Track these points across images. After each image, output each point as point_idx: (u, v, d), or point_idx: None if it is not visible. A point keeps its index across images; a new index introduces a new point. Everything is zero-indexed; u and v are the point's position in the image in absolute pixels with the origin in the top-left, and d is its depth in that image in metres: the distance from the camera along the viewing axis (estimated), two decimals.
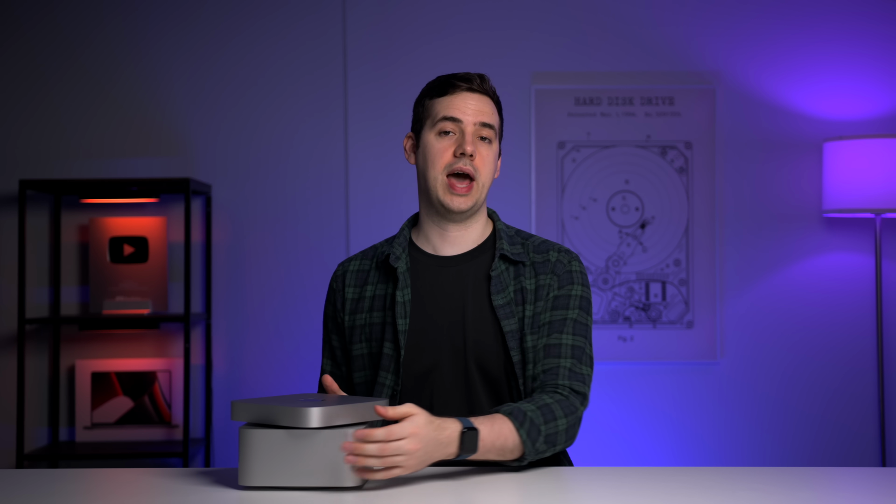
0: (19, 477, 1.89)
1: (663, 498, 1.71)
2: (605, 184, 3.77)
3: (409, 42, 3.77)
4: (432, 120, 2.03)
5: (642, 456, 3.72)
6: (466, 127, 2.00)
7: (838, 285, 3.76)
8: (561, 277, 2.03)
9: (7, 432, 3.70)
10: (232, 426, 3.74)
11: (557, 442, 1.88)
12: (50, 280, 3.72)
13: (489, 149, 2.03)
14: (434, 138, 2.02)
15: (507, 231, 2.09)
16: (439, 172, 2.00)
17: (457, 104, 2.02)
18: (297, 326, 3.71)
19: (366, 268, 2.11)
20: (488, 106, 2.04)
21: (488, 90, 2.05)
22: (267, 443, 1.71)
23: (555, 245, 2.08)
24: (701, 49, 3.78)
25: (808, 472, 1.96)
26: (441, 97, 2.03)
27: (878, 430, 3.73)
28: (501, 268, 2.03)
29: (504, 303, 2.00)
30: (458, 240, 2.06)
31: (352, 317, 2.08)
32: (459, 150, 1.99)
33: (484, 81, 2.05)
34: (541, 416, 1.86)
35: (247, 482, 1.72)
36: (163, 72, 3.76)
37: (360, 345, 2.06)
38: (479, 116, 2.01)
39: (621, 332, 3.75)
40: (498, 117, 2.06)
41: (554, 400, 1.91)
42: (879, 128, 3.75)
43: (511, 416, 1.84)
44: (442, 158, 2.00)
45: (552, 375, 1.96)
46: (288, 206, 3.76)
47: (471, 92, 2.03)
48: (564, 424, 1.89)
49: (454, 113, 2.01)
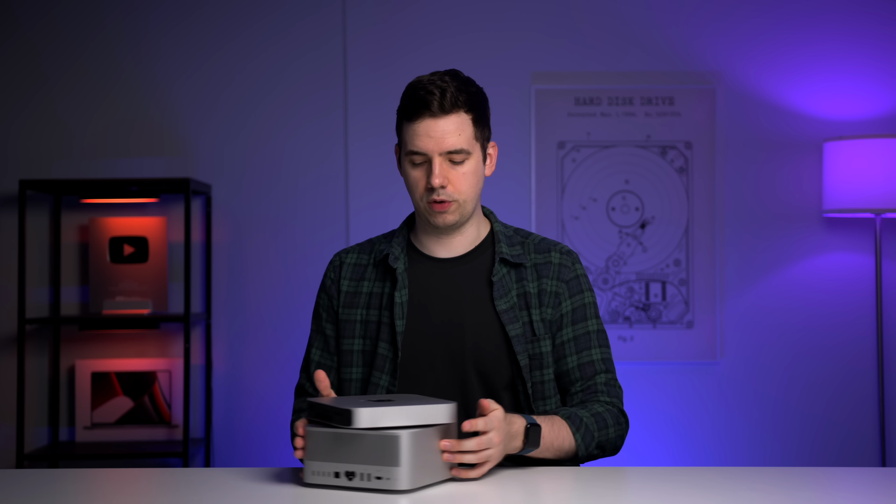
0: (19, 477, 1.88)
1: (663, 498, 1.71)
2: (605, 184, 3.77)
3: (409, 42, 3.77)
4: (404, 147, 1.99)
5: (642, 456, 3.72)
6: (433, 158, 1.94)
7: (838, 285, 3.76)
8: (570, 285, 2.05)
9: (7, 432, 3.70)
10: (232, 426, 3.73)
11: (606, 449, 1.98)
12: (50, 280, 3.72)
13: (464, 167, 1.96)
14: (408, 166, 1.99)
15: (505, 232, 2.08)
16: (419, 199, 1.99)
17: (420, 135, 1.94)
18: (297, 326, 3.71)
19: (363, 262, 2.10)
20: (453, 125, 1.93)
21: (452, 105, 1.93)
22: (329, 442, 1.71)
23: (555, 245, 2.08)
24: (701, 49, 3.78)
25: (808, 472, 1.96)
26: (409, 122, 1.96)
27: (878, 430, 3.73)
28: (502, 272, 2.03)
29: (507, 307, 2.00)
30: (453, 244, 2.06)
31: (345, 310, 2.07)
32: (428, 185, 1.95)
33: (445, 97, 1.92)
34: (594, 423, 1.94)
35: (310, 480, 1.73)
36: (163, 72, 3.76)
37: (353, 340, 2.05)
38: (444, 145, 1.93)
39: (621, 332, 3.75)
40: (471, 127, 1.96)
41: (605, 409, 1.99)
42: (879, 128, 3.75)
43: (568, 419, 1.92)
44: (417, 189, 1.98)
45: (591, 393, 2.03)
46: (288, 206, 3.76)
47: (433, 118, 1.93)
48: (614, 433, 1.98)
49: (418, 147, 1.94)
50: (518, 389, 2.00)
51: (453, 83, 1.95)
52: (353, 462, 1.69)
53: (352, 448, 1.69)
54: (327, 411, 1.73)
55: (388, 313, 2.02)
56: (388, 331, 2.01)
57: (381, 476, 1.67)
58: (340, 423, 1.69)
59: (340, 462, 1.70)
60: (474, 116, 1.97)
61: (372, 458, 1.68)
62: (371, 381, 2.01)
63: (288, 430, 3.68)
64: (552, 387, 2.03)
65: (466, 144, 1.95)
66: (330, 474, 1.70)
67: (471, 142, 1.97)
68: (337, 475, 1.70)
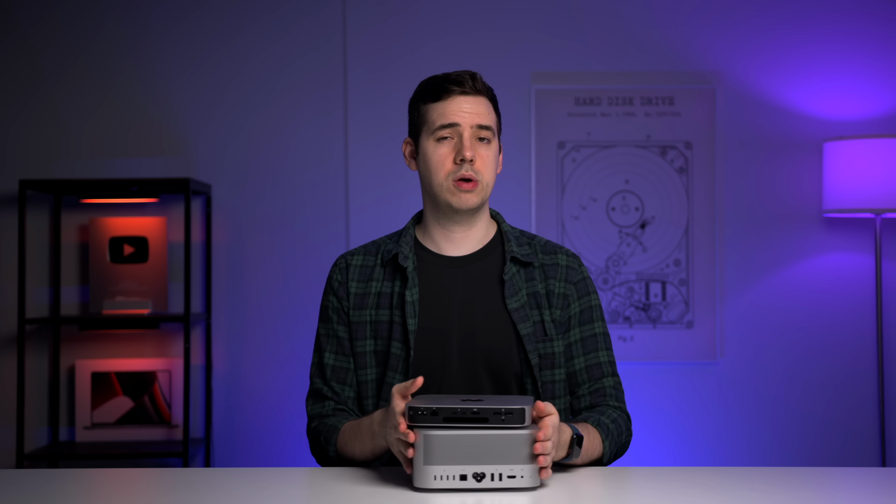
0: (19, 477, 1.88)
1: (663, 498, 1.71)
2: (605, 184, 3.77)
3: (409, 42, 3.77)
4: (429, 127, 2.01)
5: (642, 456, 3.72)
6: (464, 131, 1.99)
7: (838, 285, 3.77)
8: (578, 287, 2.08)
9: (7, 432, 3.70)
10: (232, 426, 3.73)
11: (620, 453, 2.02)
12: (50, 280, 3.72)
13: (488, 149, 2.01)
14: (433, 145, 2.01)
15: (512, 232, 2.10)
16: (443, 179, 2.00)
17: (452, 109, 2.00)
18: (297, 326, 3.71)
19: (370, 264, 2.09)
20: (483, 106, 2.02)
21: (482, 89, 2.03)
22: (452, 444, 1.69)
23: (560, 247, 2.11)
24: (701, 49, 3.78)
25: (808, 472, 1.96)
26: (435, 102, 2.01)
27: (878, 430, 3.73)
28: (513, 270, 2.04)
29: (518, 306, 2.02)
30: (462, 241, 2.06)
31: (355, 312, 2.06)
32: (459, 157, 1.98)
33: (476, 81, 2.02)
34: (616, 431, 1.99)
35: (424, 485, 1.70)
36: (163, 72, 3.76)
37: (365, 342, 2.04)
38: (476, 119, 2.00)
39: (621, 332, 3.75)
40: (494, 114, 2.05)
41: (619, 415, 2.03)
42: (879, 128, 3.75)
43: (598, 427, 1.94)
44: (444, 166, 2.00)
45: (600, 396, 2.05)
46: (288, 206, 3.76)
47: (464, 95, 2.00)
48: (626, 438, 2.03)
49: (451, 119, 1.99)
50: (528, 388, 2.01)
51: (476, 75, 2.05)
52: (483, 463, 1.68)
53: (482, 448, 1.68)
54: (455, 412, 1.69)
55: (399, 312, 2.02)
56: (400, 330, 2.01)
57: (513, 475, 1.68)
58: (503, 424, 1.68)
59: (469, 464, 1.68)
60: (495, 107, 2.06)
61: (504, 458, 1.68)
62: (385, 381, 2.01)
63: (290, 432, 3.68)
64: (562, 386, 2.04)
65: (493, 125, 2.03)
66: (456, 477, 1.68)
67: (495, 126, 2.05)
68: (464, 478, 1.68)
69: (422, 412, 1.70)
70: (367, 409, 2.03)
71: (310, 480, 1.85)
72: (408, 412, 1.71)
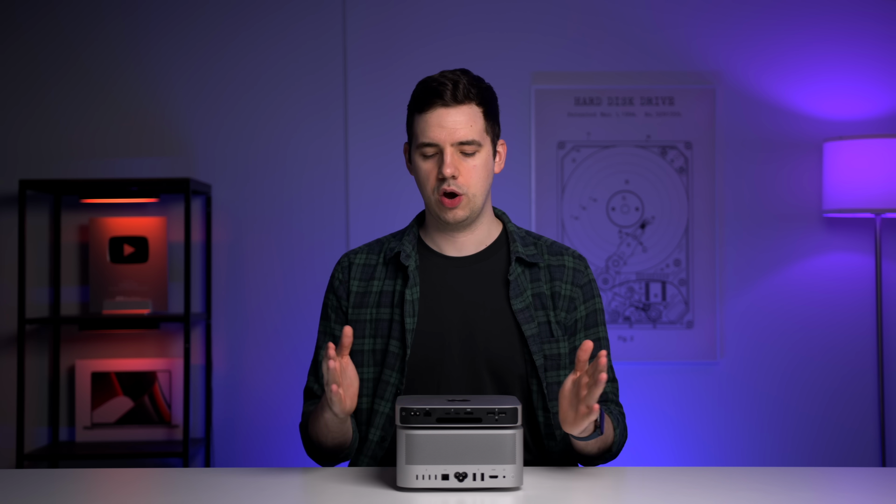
0: (19, 477, 1.88)
1: (663, 498, 1.71)
2: (605, 184, 3.77)
3: (409, 42, 3.77)
4: (415, 140, 2.00)
5: (642, 456, 3.72)
6: (445, 148, 1.96)
7: (838, 285, 3.77)
8: (584, 290, 2.08)
9: (7, 432, 3.70)
10: (232, 426, 3.73)
11: (619, 450, 2.04)
12: (50, 280, 3.72)
13: (474, 160, 1.98)
14: (419, 159, 2.00)
15: (518, 233, 2.10)
16: (430, 193, 1.99)
17: (432, 126, 1.96)
18: (297, 326, 3.71)
19: (372, 262, 2.09)
20: (465, 116, 1.96)
21: (465, 96, 1.96)
22: None
23: (567, 248, 2.11)
24: (701, 49, 3.78)
25: (808, 472, 1.96)
26: (420, 114, 1.98)
27: (878, 430, 3.73)
28: (518, 271, 2.04)
29: (523, 307, 2.01)
30: (464, 243, 2.06)
31: (356, 311, 2.06)
32: (440, 175, 1.96)
33: (458, 88, 1.96)
34: (623, 421, 2.04)
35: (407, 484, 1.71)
36: (163, 72, 3.76)
37: (364, 340, 2.04)
38: (456, 136, 1.95)
39: (621, 332, 3.75)
40: (482, 120, 1.99)
41: (618, 410, 2.06)
42: (879, 128, 3.75)
43: (611, 415, 1.98)
44: (429, 181, 1.99)
45: (602, 401, 2.05)
46: (288, 206, 3.76)
47: (445, 107, 1.95)
48: (626, 435, 2.06)
49: (430, 137, 1.96)
50: (532, 389, 2.01)
51: (465, 77, 1.99)
52: (465, 463, 1.68)
53: (464, 448, 1.68)
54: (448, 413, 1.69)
55: (399, 311, 2.02)
56: (398, 328, 2.01)
57: (495, 475, 1.68)
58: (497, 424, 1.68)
59: (450, 464, 1.68)
60: (485, 110, 2.00)
61: (486, 458, 1.68)
62: (382, 380, 2.01)
63: (289, 431, 3.68)
64: None
65: (477, 136, 1.98)
66: (438, 477, 1.68)
67: (481, 134, 1.99)
68: (446, 477, 1.68)
69: (415, 413, 1.69)
70: (362, 409, 2.03)
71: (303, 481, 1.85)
72: (400, 413, 1.71)
